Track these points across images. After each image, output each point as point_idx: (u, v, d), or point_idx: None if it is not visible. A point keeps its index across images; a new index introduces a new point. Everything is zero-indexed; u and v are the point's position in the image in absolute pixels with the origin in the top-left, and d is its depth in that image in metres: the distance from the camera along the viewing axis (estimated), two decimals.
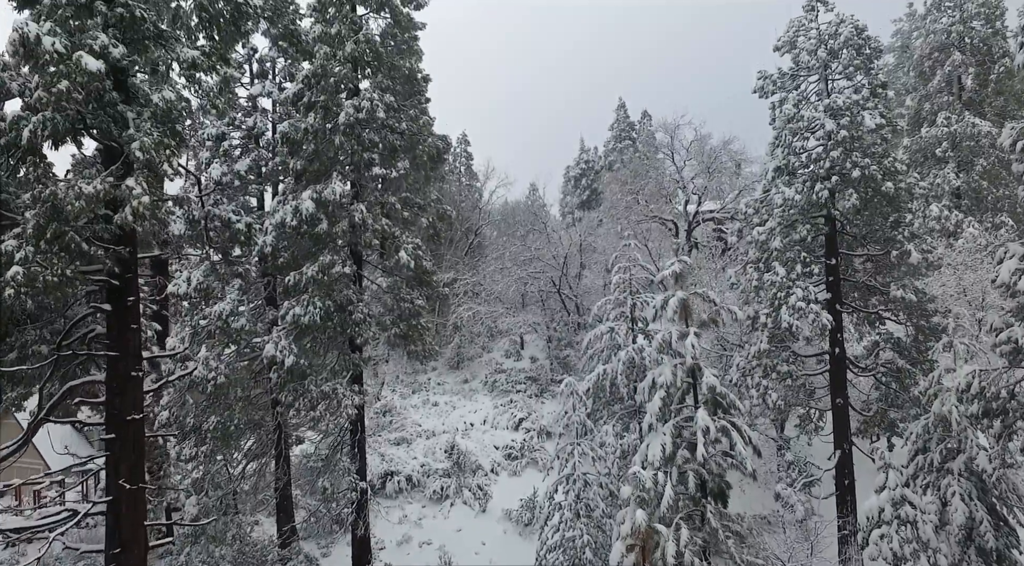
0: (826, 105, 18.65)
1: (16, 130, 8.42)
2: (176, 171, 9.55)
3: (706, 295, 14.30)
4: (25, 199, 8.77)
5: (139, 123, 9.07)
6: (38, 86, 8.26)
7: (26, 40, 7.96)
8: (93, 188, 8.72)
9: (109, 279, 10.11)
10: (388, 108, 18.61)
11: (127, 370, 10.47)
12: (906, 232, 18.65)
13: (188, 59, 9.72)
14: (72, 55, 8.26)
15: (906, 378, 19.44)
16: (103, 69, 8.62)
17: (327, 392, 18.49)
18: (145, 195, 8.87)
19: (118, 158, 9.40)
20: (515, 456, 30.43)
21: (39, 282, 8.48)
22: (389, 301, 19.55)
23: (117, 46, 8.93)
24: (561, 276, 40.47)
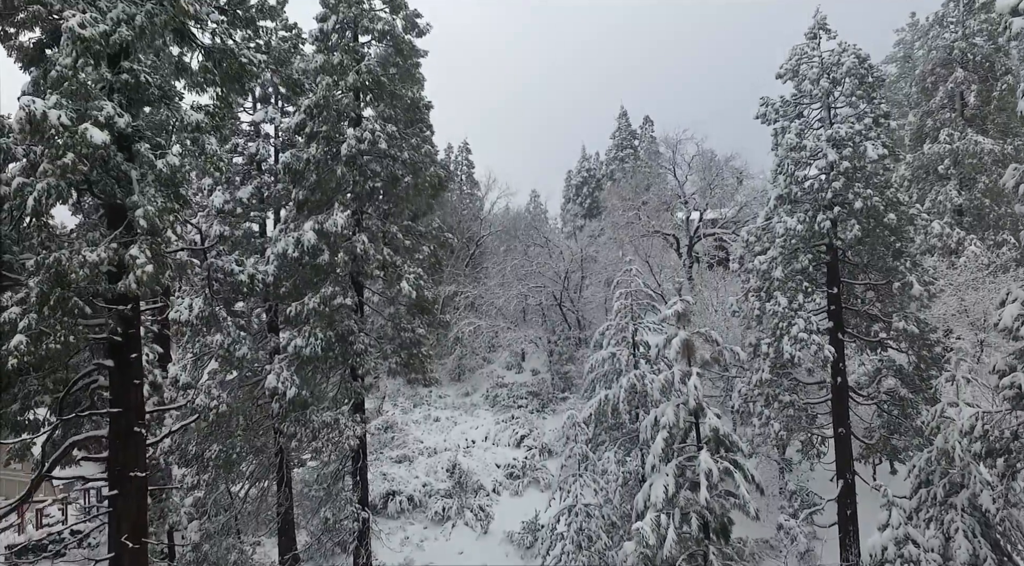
0: (828, 135, 18.62)
1: (21, 197, 8.44)
2: (180, 237, 9.55)
3: (708, 335, 14.28)
4: (29, 266, 8.78)
5: (143, 186, 9.07)
6: (43, 155, 8.27)
7: (33, 117, 7.97)
8: (97, 256, 8.73)
9: (111, 336, 10.12)
10: (390, 138, 18.62)
11: (129, 426, 10.47)
12: (908, 263, 18.61)
13: (192, 123, 9.73)
14: (78, 128, 8.28)
15: (908, 408, 19.41)
16: (108, 140, 8.63)
17: (328, 422, 18.50)
18: (149, 264, 8.88)
19: (121, 217, 9.40)
20: (517, 475, 30.43)
21: (42, 350, 8.49)
22: (390, 330, 19.54)
23: (123, 115, 8.94)
24: (562, 290, 40.48)
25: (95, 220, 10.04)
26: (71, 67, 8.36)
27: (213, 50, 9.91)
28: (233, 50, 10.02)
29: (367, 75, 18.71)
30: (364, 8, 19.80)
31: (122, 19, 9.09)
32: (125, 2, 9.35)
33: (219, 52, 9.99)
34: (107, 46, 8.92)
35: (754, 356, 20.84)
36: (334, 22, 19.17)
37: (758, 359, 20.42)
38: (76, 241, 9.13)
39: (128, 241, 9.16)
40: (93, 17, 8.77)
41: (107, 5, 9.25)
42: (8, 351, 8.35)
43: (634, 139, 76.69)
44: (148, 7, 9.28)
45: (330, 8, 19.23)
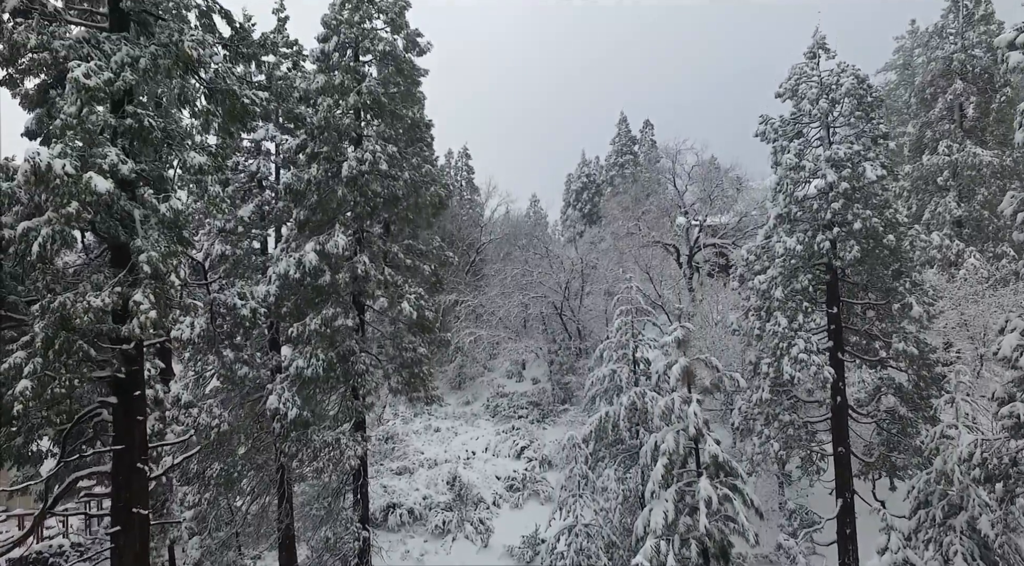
0: (827, 156, 18.69)
1: (26, 242, 8.52)
2: (184, 281, 9.61)
3: (708, 361, 14.35)
4: (34, 310, 8.85)
5: (146, 228, 9.14)
6: (48, 202, 8.34)
7: (38, 169, 8.04)
8: (101, 301, 8.80)
9: (115, 374, 10.18)
10: (391, 159, 18.68)
11: (132, 462, 10.53)
12: (907, 283, 18.68)
13: (195, 165, 9.80)
14: (82, 176, 8.35)
15: (908, 426, 19.49)
16: (112, 188, 8.69)
17: (330, 441, 18.56)
18: (152, 309, 8.95)
19: (125, 256, 9.46)
20: (517, 488, 30.47)
21: (47, 395, 8.55)
22: (391, 350, 19.60)
23: (126, 162, 9.01)
24: (563, 299, 40.52)
25: (99, 258, 10.09)
26: (75, 116, 8.44)
27: (215, 90, 9.99)
28: (235, 91, 10.10)
29: (368, 96, 18.79)
30: (365, 28, 19.87)
31: (126, 62, 9.16)
32: (129, 45, 9.42)
33: (221, 93, 10.07)
34: (111, 93, 8.98)
35: (754, 374, 20.92)
36: (335, 43, 19.24)
37: (758, 377, 20.50)
38: (81, 284, 9.20)
39: (132, 282, 9.23)
40: (97, 65, 8.84)
41: (111, 48, 9.33)
42: (14, 397, 8.42)
43: (634, 145, 76.78)
44: (152, 49, 9.35)
45: (331, 29, 19.30)
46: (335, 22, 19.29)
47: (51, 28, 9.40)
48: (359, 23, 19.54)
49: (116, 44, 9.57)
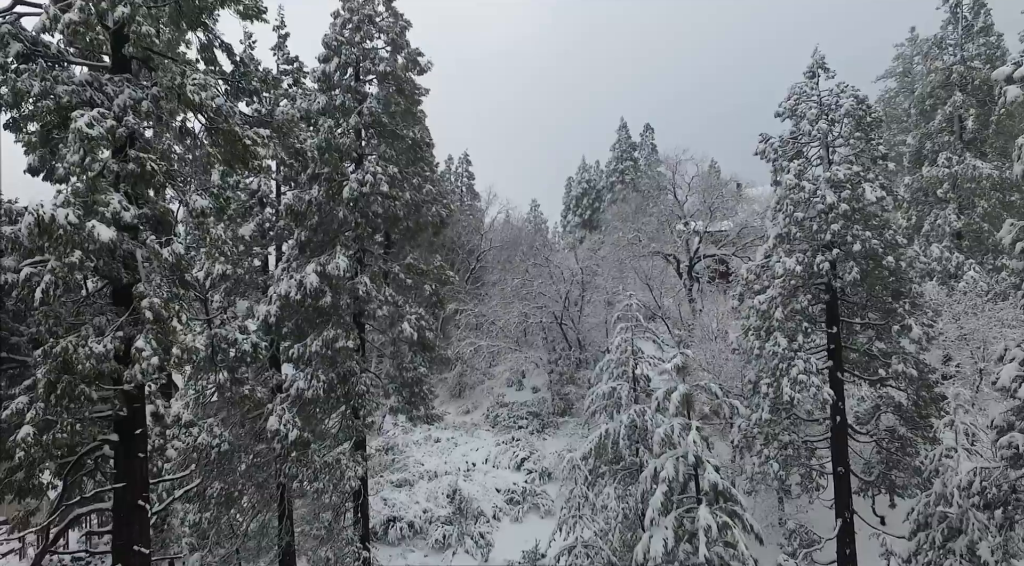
0: (827, 177, 18.74)
1: (29, 287, 8.57)
2: (186, 326, 9.67)
3: (708, 387, 14.40)
4: (36, 355, 8.90)
5: (148, 271, 9.18)
6: (51, 251, 8.39)
7: (41, 222, 8.10)
8: (104, 347, 8.85)
9: (117, 412, 10.23)
10: (391, 180, 18.73)
11: (134, 500, 10.56)
12: (907, 305, 18.72)
13: (198, 209, 9.87)
14: (85, 225, 8.40)
15: (908, 446, 19.53)
16: (115, 237, 8.74)
17: (330, 462, 18.60)
18: (154, 355, 9.01)
19: (128, 296, 9.50)
20: (517, 501, 30.49)
21: (49, 439, 8.60)
22: (392, 370, 19.65)
23: (128, 208, 9.07)
24: (563, 310, 40.56)
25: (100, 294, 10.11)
26: (79, 164, 8.50)
27: (217, 131, 10.06)
28: (236, 132, 10.16)
29: (369, 117, 18.84)
30: (366, 48, 19.95)
31: (128, 105, 9.21)
32: (131, 87, 9.47)
33: (223, 134, 10.13)
34: (114, 139, 9.03)
35: (753, 392, 20.95)
36: (336, 64, 19.30)
37: (757, 395, 20.54)
38: (83, 326, 9.25)
39: (134, 321, 9.26)
40: (100, 112, 8.89)
41: (113, 90, 9.38)
42: (15, 443, 8.46)
43: (634, 151, 76.96)
44: (154, 91, 9.40)
45: (332, 50, 19.36)
46: (336, 42, 19.35)
47: (54, 73, 9.45)
48: (360, 43, 19.61)
49: (118, 86, 9.62)
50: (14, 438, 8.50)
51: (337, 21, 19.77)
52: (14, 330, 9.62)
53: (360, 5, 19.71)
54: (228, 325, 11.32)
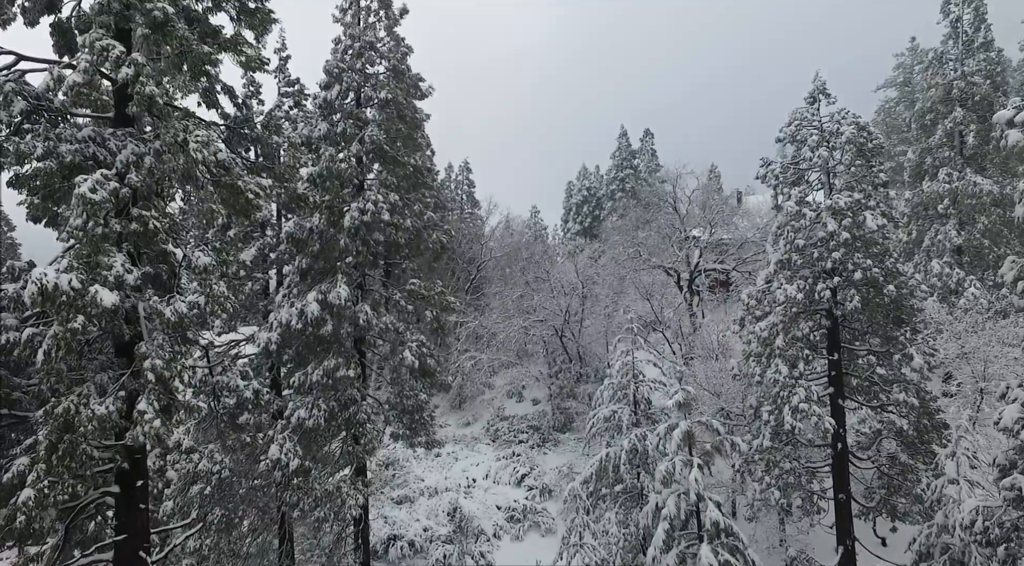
0: (828, 205, 18.73)
1: (31, 348, 8.55)
2: (189, 384, 9.67)
3: (710, 424, 14.38)
4: (38, 415, 8.89)
5: (151, 329, 9.17)
6: (55, 316, 8.38)
7: (45, 290, 8.08)
8: (106, 408, 8.83)
9: (119, 464, 10.20)
10: (392, 208, 18.71)
11: (135, 551, 10.54)
12: (908, 333, 18.70)
13: (201, 266, 9.85)
14: (88, 290, 8.39)
15: (909, 472, 19.51)
16: (118, 301, 8.73)
17: (331, 491, 18.57)
18: (157, 418, 8.99)
19: (130, 352, 9.48)
20: (517, 519, 30.45)
21: (50, 501, 8.58)
22: (393, 397, 19.62)
23: (131, 271, 9.05)
24: (564, 323, 40.56)
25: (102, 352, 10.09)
26: (82, 228, 8.49)
27: (219, 184, 10.04)
28: (240, 187, 10.14)
29: (370, 145, 18.83)
30: (368, 74, 19.93)
31: (131, 161, 9.19)
32: (134, 142, 9.45)
33: (225, 187, 10.11)
34: (117, 200, 9.03)
35: (754, 417, 20.94)
36: (337, 91, 19.29)
37: (758, 420, 20.52)
38: (85, 384, 9.23)
39: (135, 374, 9.22)
40: (104, 174, 8.88)
41: (116, 145, 9.36)
42: (16, 507, 8.44)
43: (634, 158, 77.02)
44: (157, 145, 9.39)
45: (333, 77, 19.34)
46: (337, 69, 19.33)
47: (56, 131, 9.43)
48: (361, 70, 19.59)
49: (121, 140, 9.61)
50: (15, 501, 8.49)
51: (339, 47, 19.75)
52: (15, 385, 9.61)
53: (361, 31, 19.70)
54: (229, 372, 11.32)
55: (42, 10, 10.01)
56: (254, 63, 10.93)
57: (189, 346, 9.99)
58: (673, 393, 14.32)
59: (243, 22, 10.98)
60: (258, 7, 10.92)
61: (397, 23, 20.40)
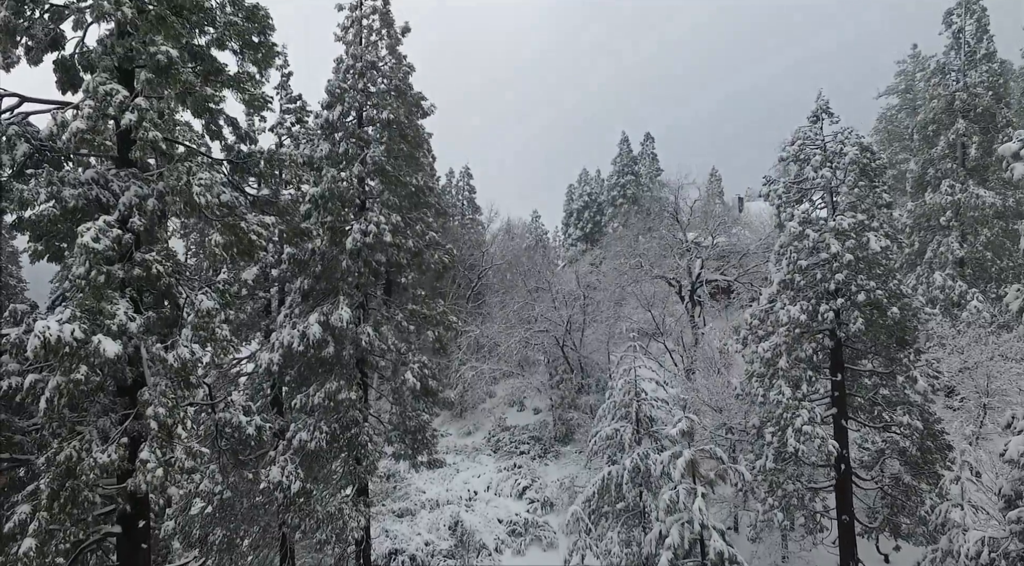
0: (831, 227, 18.68)
1: (33, 395, 8.51)
2: (191, 432, 9.61)
3: (714, 452, 14.33)
4: (40, 463, 8.84)
5: (153, 373, 9.13)
6: (57, 368, 8.34)
7: (48, 344, 8.04)
8: (107, 456, 8.79)
9: (121, 506, 10.16)
10: (395, 229, 18.67)
11: None
12: (911, 354, 18.65)
13: (204, 310, 9.80)
14: (91, 340, 8.36)
15: (913, 494, 19.45)
16: (120, 351, 8.70)
17: (333, 512, 18.51)
18: (159, 467, 8.95)
19: (133, 397, 9.44)
20: (519, 532, 30.37)
21: (52, 550, 8.54)
22: (395, 418, 19.58)
23: (134, 319, 9.01)
24: (565, 333, 40.51)
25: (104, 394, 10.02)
26: (84, 277, 8.44)
27: (225, 227, 10.00)
28: (243, 228, 10.10)
29: (372, 165, 18.79)
30: (370, 92, 19.89)
31: (134, 204, 9.15)
32: (137, 183, 9.41)
33: (230, 229, 10.06)
34: (120, 247, 8.99)
35: (757, 437, 20.88)
36: (339, 111, 19.25)
37: (761, 440, 20.46)
38: (87, 429, 9.18)
39: (138, 416, 9.17)
40: (107, 221, 8.84)
41: (119, 187, 9.32)
42: (17, 557, 8.39)
43: (635, 164, 76.98)
44: (160, 187, 9.35)
45: (335, 97, 19.30)
46: (339, 89, 19.29)
47: (59, 175, 9.38)
48: (363, 89, 19.55)
49: (124, 181, 9.57)
50: (16, 551, 8.44)
51: (340, 67, 19.71)
52: (16, 429, 9.57)
53: (363, 51, 19.66)
54: (231, 408, 11.28)
55: (45, 48, 9.97)
56: (257, 102, 10.88)
57: (192, 390, 9.95)
58: (676, 421, 14.27)
59: (246, 56, 10.94)
60: (261, 41, 10.90)
61: (399, 42, 20.37)
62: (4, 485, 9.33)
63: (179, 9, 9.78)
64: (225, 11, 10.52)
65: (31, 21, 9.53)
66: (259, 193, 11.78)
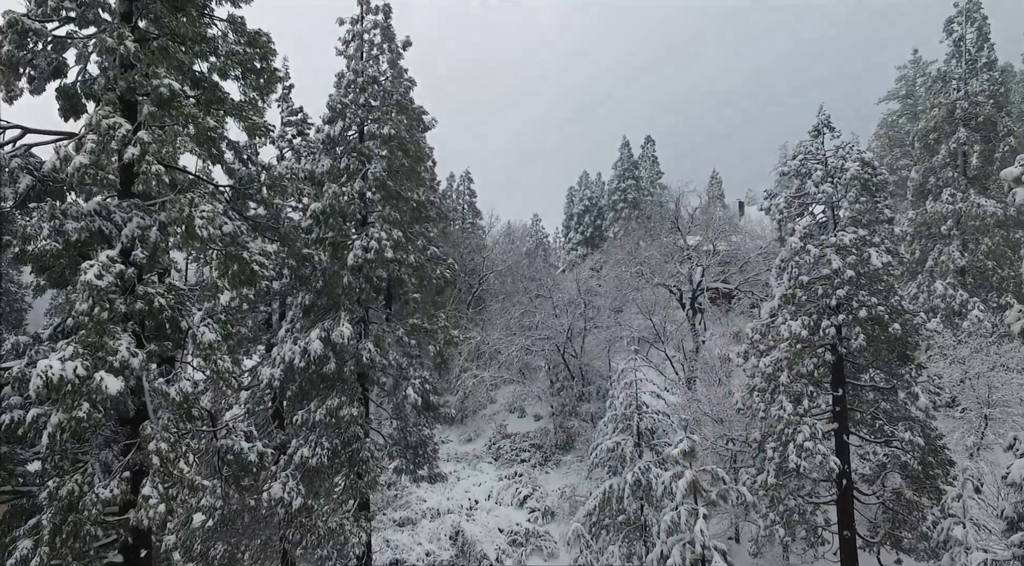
0: (832, 243, 18.68)
1: (35, 430, 8.51)
2: (192, 466, 9.62)
3: (716, 473, 14.32)
4: (42, 498, 8.84)
5: (156, 407, 9.13)
6: (59, 405, 8.34)
7: (50, 383, 8.05)
8: (110, 492, 8.80)
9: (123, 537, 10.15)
10: (396, 245, 18.67)
11: None
12: (913, 371, 18.64)
13: (206, 342, 9.81)
14: (93, 377, 8.36)
15: (915, 510, 19.44)
16: (122, 388, 8.71)
17: (334, 528, 18.50)
18: (161, 503, 8.95)
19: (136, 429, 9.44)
20: (520, 542, 30.36)
21: None
22: (395, 433, 19.58)
23: (136, 354, 9.02)
24: (566, 340, 40.54)
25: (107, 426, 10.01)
26: (87, 313, 8.45)
27: (227, 257, 10.01)
28: (246, 259, 10.10)
29: (373, 181, 18.80)
30: (371, 106, 19.90)
31: (136, 235, 9.16)
32: (139, 215, 9.41)
33: (232, 259, 10.07)
34: (123, 282, 8.99)
35: (759, 451, 20.87)
36: (341, 126, 19.25)
37: (763, 454, 20.45)
38: (89, 462, 9.19)
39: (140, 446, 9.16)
40: (109, 256, 8.85)
41: (122, 218, 9.32)
42: None
43: (636, 168, 76.97)
44: (162, 218, 9.36)
45: (336, 112, 19.31)
46: (340, 105, 19.30)
47: (63, 207, 9.40)
48: (365, 105, 19.56)
49: (127, 212, 9.57)
50: None
51: (342, 82, 19.72)
52: (18, 460, 9.57)
53: (365, 66, 19.67)
54: (233, 435, 11.30)
55: (48, 78, 9.98)
56: (259, 131, 10.87)
57: (194, 422, 9.95)
58: (678, 442, 14.27)
59: (248, 82, 10.93)
60: (263, 67, 10.90)
61: (400, 56, 20.37)
62: (6, 514, 9.32)
63: (182, 39, 9.79)
64: (227, 39, 10.52)
65: (34, 53, 9.55)
66: (261, 217, 11.76)
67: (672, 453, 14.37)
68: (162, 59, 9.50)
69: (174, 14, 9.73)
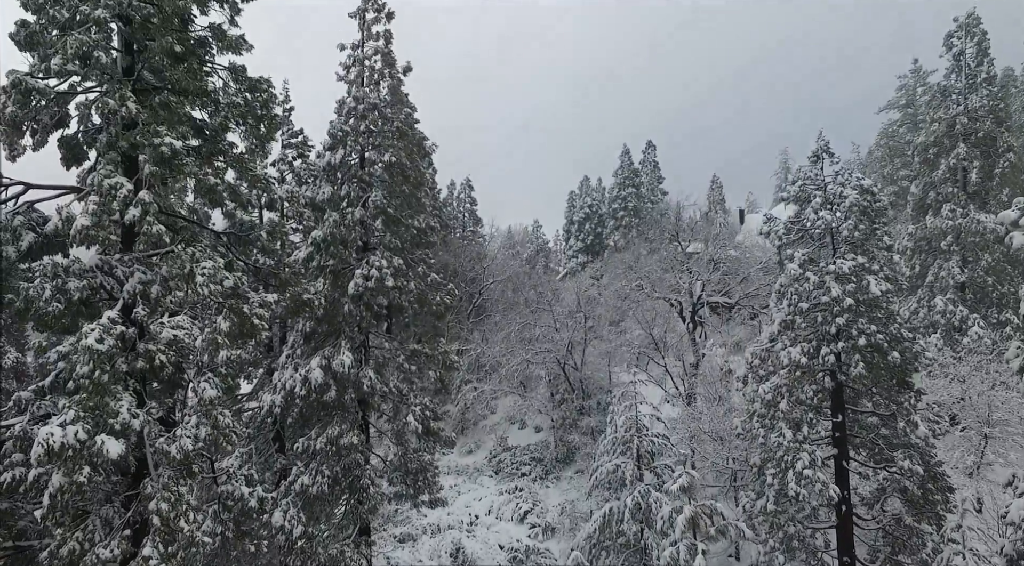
0: (831, 271, 18.72)
1: (37, 488, 8.58)
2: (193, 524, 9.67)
3: (715, 509, 14.37)
4: (43, 558, 8.89)
5: (157, 463, 9.20)
6: (60, 470, 8.41)
7: (51, 451, 8.12)
8: (110, 552, 8.86)
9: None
10: (396, 272, 18.73)
11: None
12: (912, 398, 18.67)
13: (207, 399, 9.88)
14: (95, 440, 8.43)
15: (914, 535, 19.46)
16: (123, 451, 8.76)
17: (335, 555, 18.55)
18: (161, 563, 9.00)
19: (134, 476, 9.52)
20: (520, 560, 30.36)
21: None
22: (396, 460, 19.63)
23: (137, 416, 9.09)
24: (566, 353, 40.60)
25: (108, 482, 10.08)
26: (88, 376, 8.52)
27: (226, 314, 10.07)
28: (247, 313, 10.18)
29: (374, 209, 18.87)
30: (372, 132, 19.97)
31: (138, 291, 9.23)
32: (141, 269, 9.48)
33: (233, 312, 10.14)
34: (124, 342, 9.05)
35: (759, 475, 20.90)
36: (341, 154, 19.32)
37: (762, 478, 20.49)
38: (90, 518, 9.25)
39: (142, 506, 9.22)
40: (111, 318, 8.92)
41: (123, 273, 9.39)
42: None
43: (636, 176, 77.04)
44: (164, 272, 9.42)
45: (337, 140, 19.38)
46: (341, 133, 19.37)
47: (64, 264, 9.48)
48: (365, 132, 19.63)
49: (128, 267, 9.64)
50: None
51: (343, 109, 19.79)
52: (20, 515, 9.63)
53: (365, 93, 19.74)
54: (233, 480, 11.33)
55: (51, 129, 10.06)
56: (260, 184, 10.95)
57: (194, 479, 10.01)
58: (677, 477, 14.32)
59: (249, 131, 11.00)
60: (263, 114, 10.97)
61: (401, 82, 20.43)
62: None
63: (183, 91, 9.85)
64: (228, 91, 10.60)
65: (37, 110, 9.63)
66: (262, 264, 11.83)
67: (671, 489, 14.42)
68: (164, 113, 9.57)
69: (176, 66, 9.80)
